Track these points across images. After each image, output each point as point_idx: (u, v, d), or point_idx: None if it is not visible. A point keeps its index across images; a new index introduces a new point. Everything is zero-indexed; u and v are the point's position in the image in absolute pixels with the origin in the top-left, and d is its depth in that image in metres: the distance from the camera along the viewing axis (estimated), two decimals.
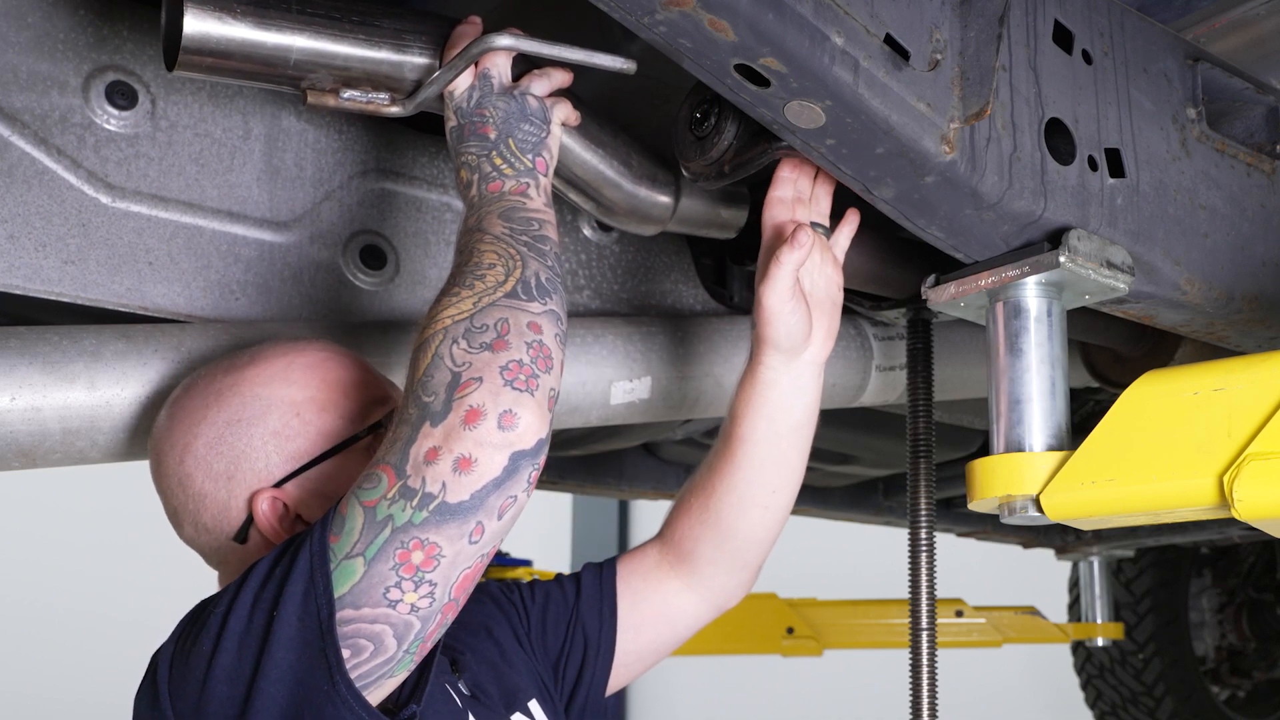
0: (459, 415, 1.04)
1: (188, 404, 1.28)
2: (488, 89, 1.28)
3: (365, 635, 1.05)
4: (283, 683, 1.03)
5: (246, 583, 1.07)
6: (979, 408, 2.54)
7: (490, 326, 1.09)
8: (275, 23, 1.23)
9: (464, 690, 1.32)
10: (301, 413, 1.26)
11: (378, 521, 1.04)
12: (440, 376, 1.07)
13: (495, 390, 1.05)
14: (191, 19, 1.19)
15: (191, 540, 1.29)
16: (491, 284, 1.12)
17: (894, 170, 1.27)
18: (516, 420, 1.05)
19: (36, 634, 7.43)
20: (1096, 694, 4.38)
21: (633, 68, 1.31)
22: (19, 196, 1.44)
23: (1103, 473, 1.21)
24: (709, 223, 1.58)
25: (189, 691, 1.06)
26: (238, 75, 1.26)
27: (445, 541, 1.04)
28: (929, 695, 1.67)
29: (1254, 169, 1.54)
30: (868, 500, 3.50)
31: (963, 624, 3.98)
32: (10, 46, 1.45)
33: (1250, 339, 1.62)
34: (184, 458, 1.25)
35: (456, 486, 1.03)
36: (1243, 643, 4.41)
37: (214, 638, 1.05)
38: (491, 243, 1.16)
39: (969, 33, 1.28)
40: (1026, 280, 1.38)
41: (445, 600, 1.08)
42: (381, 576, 1.04)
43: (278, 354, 1.30)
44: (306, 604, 1.03)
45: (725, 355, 1.84)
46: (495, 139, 1.26)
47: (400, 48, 1.30)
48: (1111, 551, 4.03)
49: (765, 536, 1.52)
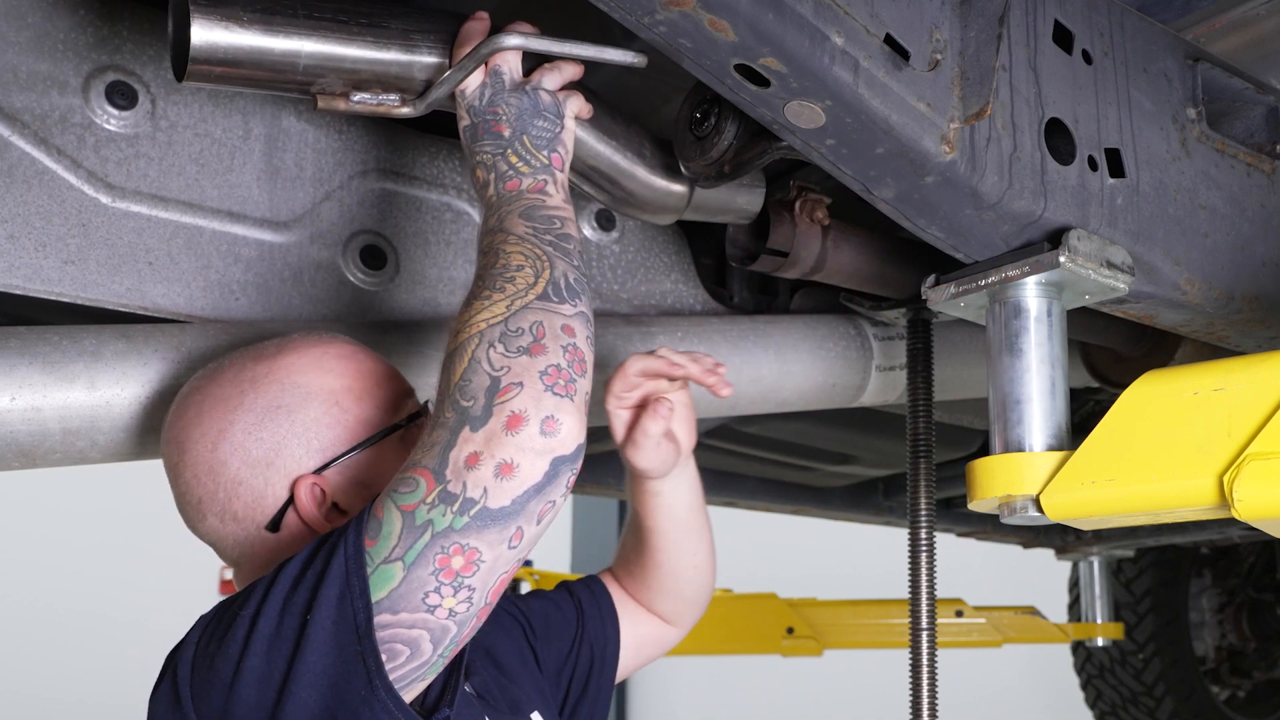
0: (500, 420, 1.03)
1: (217, 392, 1.26)
2: (499, 86, 1.27)
3: (402, 640, 1.04)
4: (315, 686, 1.02)
5: (275, 585, 1.06)
6: (979, 408, 2.54)
7: (526, 330, 1.08)
8: (283, 28, 1.22)
9: (471, 691, 1.32)
10: (340, 401, 1.26)
11: (417, 526, 1.03)
12: (479, 381, 1.06)
13: (537, 395, 1.05)
14: (199, 29, 1.18)
15: (214, 532, 1.26)
16: (522, 286, 1.11)
17: (894, 170, 1.27)
18: (558, 426, 1.05)
19: (36, 634, 7.43)
20: (1096, 694, 4.38)
21: (644, 61, 1.31)
22: (19, 196, 1.44)
23: (1103, 473, 1.21)
24: (725, 209, 1.57)
25: (214, 694, 1.05)
26: (247, 83, 1.25)
27: (485, 547, 1.04)
28: (929, 695, 1.68)
29: (1254, 169, 1.54)
30: (868, 500, 3.50)
31: (963, 624, 3.98)
32: (10, 46, 1.45)
33: (1250, 339, 1.62)
34: (218, 444, 1.23)
35: (498, 492, 1.03)
36: (1243, 643, 4.41)
37: (242, 640, 1.04)
38: (517, 243, 1.16)
39: (969, 33, 1.28)
40: (1026, 280, 1.38)
41: (482, 604, 1.07)
42: (421, 582, 1.03)
43: (309, 344, 1.30)
44: (342, 608, 1.02)
45: (725, 355, 1.84)
46: (510, 136, 1.25)
47: (409, 48, 1.29)
48: (1111, 551, 4.03)
49: (707, 580, 1.66)
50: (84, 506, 7.56)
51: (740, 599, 4.13)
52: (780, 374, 1.89)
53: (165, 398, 1.43)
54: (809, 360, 1.92)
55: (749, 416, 2.51)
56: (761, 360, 1.88)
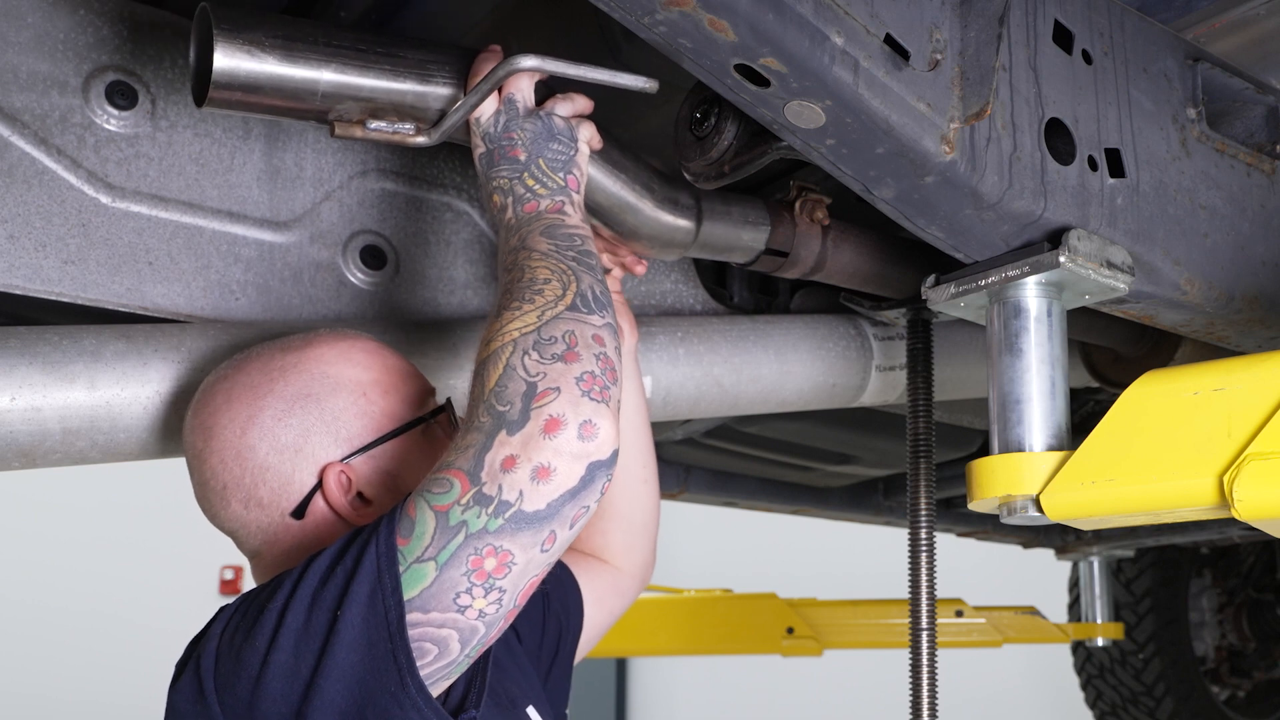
0: (538, 424, 1.04)
1: (246, 380, 1.28)
2: (513, 113, 1.29)
3: (431, 639, 1.05)
4: (343, 682, 1.03)
5: (304, 579, 1.07)
6: (979, 408, 2.54)
7: (559, 338, 1.09)
8: (303, 56, 1.24)
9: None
10: (368, 393, 1.28)
11: (450, 527, 1.04)
12: (515, 386, 1.07)
13: (574, 400, 1.06)
14: (221, 54, 1.20)
15: (236, 518, 1.26)
16: (551, 298, 1.13)
17: (894, 170, 1.27)
18: (596, 430, 1.06)
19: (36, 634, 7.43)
20: (1096, 694, 4.38)
21: (654, 87, 1.32)
22: (19, 196, 1.44)
23: (1103, 473, 1.21)
24: (730, 247, 1.58)
25: (240, 687, 1.06)
26: (266, 110, 1.27)
27: (519, 549, 1.05)
28: (929, 695, 1.68)
29: (1254, 169, 1.54)
30: (868, 500, 3.50)
31: (963, 624, 3.98)
32: (10, 46, 1.45)
33: (1250, 339, 1.62)
34: (247, 429, 1.24)
35: (534, 495, 1.04)
36: (1243, 643, 4.41)
37: (269, 634, 1.05)
38: (541, 259, 1.17)
39: (969, 33, 1.28)
40: (1026, 280, 1.38)
41: (510, 606, 1.08)
42: (453, 582, 1.04)
43: (336, 338, 1.32)
44: (373, 606, 1.03)
45: (725, 355, 1.84)
46: (526, 160, 1.27)
47: (424, 79, 1.31)
48: (1111, 551, 4.04)
49: (653, 508, 1.72)
50: (84, 506, 7.56)
51: (740, 599, 4.13)
52: (780, 374, 1.89)
53: (166, 397, 1.43)
54: (809, 360, 1.92)
55: (749, 416, 2.51)
56: (761, 360, 1.88)
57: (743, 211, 1.57)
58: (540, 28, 1.34)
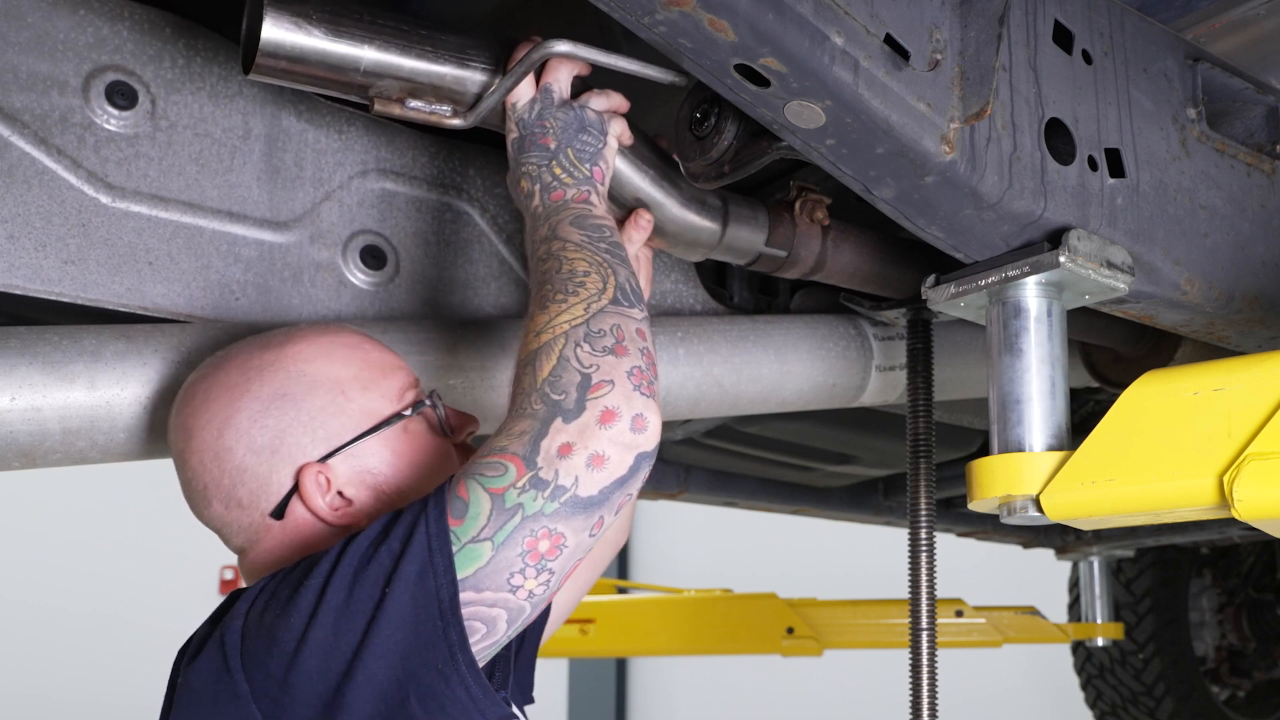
0: (594, 414, 1.09)
1: (224, 380, 1.28)
2: (549, 102, 1.33)
3: (481, 618, 1.08)
4: (386, 659, 1.05)
5: (344, 557, 1.08)
6: (979, 408, 2.54)
7: (607, 332, 1.14)
8: (348, 32, 1.28)
9: None
10: (346, 390, 1.28)
11: (507, 509, 1.07)
12: (569, 377, 1.11)
13: (627, 394, 1.10)
14: (270, 25, 1.24)
15: (218, 518, 1.28)
16: (594, 291, 1.17)
17: (894, 170, 1.27)
18: (647, 424, 1.11)
19: (36, 633, 7.44)
20: (1096, 694, 4.39)
21: (683, 81, 1.35)
22: (19, 196, 1.44)
23: (1103, 473, 1.21)
24: (752, 253, 1.59)
25: (273, 664, 1.06)
26: (309, 81, 1.30)
27: (571, 533, 1.09)
28: (929, 695, 1.68)
29: (1254, 169, 1.54)
30: (868, 500, 3.50)
31: (963, 624, 3.98)
32: (10, 46, 1.45)
33: (1250, 339, 1.62)
34: (223, 431, 1.25)
35: (588, 481, 1.08)
36: (1243, 643, 4.41)
37: (308, 611, 1.06)
38: (576, 250, 1.21)
39: (969, 33, 1.28)
40: (1026, 280, 1.38)
41: (555, 588, 1.12)
42: (508, 562, 1.07)
43: (315, 334, 1.32)
44: (422, 584, 1.05)
45: (725, 355, 1.84)
46: (555, 149, 1.31)
47: (463, 63, 1.34)
48: (1111, 551, 4.04)
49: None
50: (84, 506, 7.57)
51: (740, 599, 4.13)
52: (780, 374, 1.89)
53: (166, 397, 1.43)
54: (809, 360, 1.92)
55: (749, 416, 2.51)
56: (761, 360, 1.88)
57: (752, 213, 1.57)
58: (541, 27, 1.34)
